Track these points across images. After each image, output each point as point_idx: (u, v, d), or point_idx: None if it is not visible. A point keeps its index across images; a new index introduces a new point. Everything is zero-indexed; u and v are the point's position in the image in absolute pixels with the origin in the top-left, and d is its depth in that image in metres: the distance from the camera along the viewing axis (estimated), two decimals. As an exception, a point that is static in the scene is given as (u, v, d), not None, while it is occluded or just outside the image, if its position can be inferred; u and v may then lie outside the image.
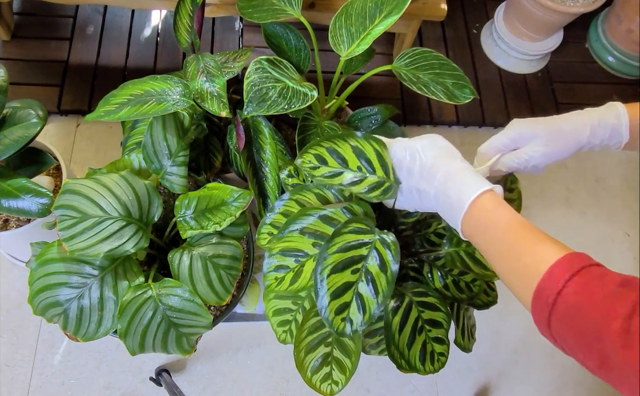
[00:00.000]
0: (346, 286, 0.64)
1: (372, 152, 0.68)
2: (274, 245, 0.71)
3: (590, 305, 0.43)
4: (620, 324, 0.40)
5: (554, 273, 0.48)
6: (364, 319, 0.64)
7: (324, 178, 0.68)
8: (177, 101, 0.81)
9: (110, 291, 0.76)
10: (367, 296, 0.64)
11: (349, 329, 0.63)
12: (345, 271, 0.64)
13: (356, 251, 0.65)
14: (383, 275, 0.64)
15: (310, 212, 0.70)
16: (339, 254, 0.64)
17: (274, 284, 0.71)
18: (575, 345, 0.45)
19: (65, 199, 0.72)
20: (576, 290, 0.45)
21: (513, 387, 1.34)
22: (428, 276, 0.79)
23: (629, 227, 1.59)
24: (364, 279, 0.64)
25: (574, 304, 0.45)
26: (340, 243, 0.64)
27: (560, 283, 0.46)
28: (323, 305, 0.63)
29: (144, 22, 1.63)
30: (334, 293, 0.63)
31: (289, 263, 0.71)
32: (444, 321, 0.77)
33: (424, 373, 0.75)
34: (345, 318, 0.64)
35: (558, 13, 1.53)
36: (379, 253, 0.65)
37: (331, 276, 0.63)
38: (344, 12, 0.90)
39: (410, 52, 0.90)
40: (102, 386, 1.20)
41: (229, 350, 1.27)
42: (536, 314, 0.49)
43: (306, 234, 0.70)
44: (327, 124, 0.91)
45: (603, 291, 0.44)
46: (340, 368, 0.75)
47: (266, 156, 0.92)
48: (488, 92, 1.70)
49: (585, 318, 0.43)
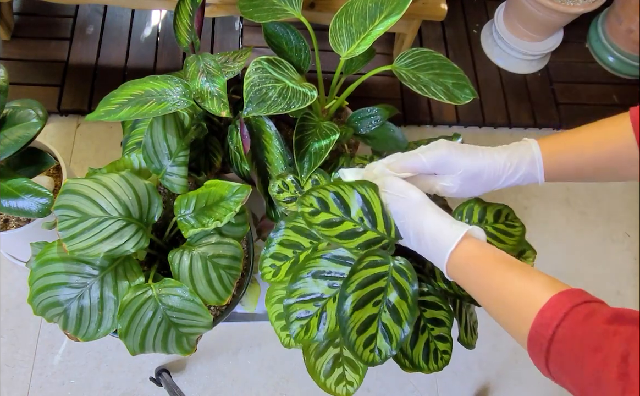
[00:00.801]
0: (370, 319, 0.64)
1: (378, 204, 0.65)
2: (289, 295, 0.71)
3: (583, 352, 0.42)
4: (617, 370, 0.39)
5: (544, 317, 0.47)
6: (391, 347, 0.64)
7: (321, 228, 0.65)
8: (178, 101, 0.81)
9: (110, 291, 0.76)
10: (392, 325, 0.65)
11: (379, 359, 0.64)
12: (367, 305, 0.64)
13: (375, 285, 0.65)
14: (404, 302, 0.65)
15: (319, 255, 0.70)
16: (358, 291, 0.64)
17: (301, 334, 0.70)
18: (575, 388, 0.44)
19: (65, 199, 0.72)
20: (566, 336, 0.44)
21: (513, 387, 1.34)
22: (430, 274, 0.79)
23: (629, 227, 1.59)
24: (386, 310, 0.65)
25: (567, 352, 0.44)
26: (359, 280, 0.64)
27: (550, 329, 0.45)
28: (351, 342, 0.63)
29: (144, 22, 1.62)
30: (359, 329, 0.64)
31: (310, 308, 0.70)
32: (446, 320, 0.77)
33: (428, 371, 0.75)
34: (373, 349, 0.64)
35: (558, 13, 1.53)
36: (397, 282, 0.65)
37: (354, 314, 0.63)
38: (344, 12, 0.90)
39: (410, 53, 0.90)
40: (102, 386, 1.19)
41: (229, 350, 1.27)
42: (535, 358, 0.48)
43: (319, 278, 0.70)
44: (326, 125, 0.91)
45: (594, 334, 0.42)
46: (353, 368, 0.75)
47: (270, 156, 0.92)
48: (488, 92, 1.70)
49: (581, 365, 0.42)
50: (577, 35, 1.84)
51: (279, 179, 0.86)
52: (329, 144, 0.85)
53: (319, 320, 0.70)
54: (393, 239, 0.65)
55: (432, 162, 0.65)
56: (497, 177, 0.66)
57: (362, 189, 0.65)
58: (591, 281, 1.49)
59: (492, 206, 0.79)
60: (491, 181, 0.66)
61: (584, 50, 1.85)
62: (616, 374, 0.39)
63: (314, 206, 0.66)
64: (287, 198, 0.86)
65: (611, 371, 0.39)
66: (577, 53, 1.83)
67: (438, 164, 0.65)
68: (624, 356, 0.39)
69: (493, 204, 0.79)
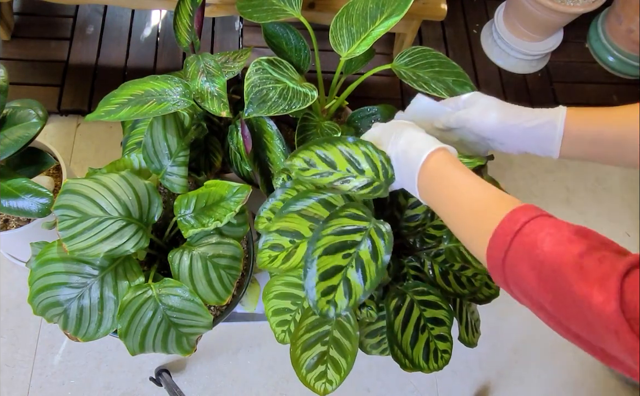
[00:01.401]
0: (335, 270, 0.64)
1: (361, 154, 0.68)
2: (272, 224, 0.72)
3: (546, 244, 0.45)
4: (575, 260, 0.43)
5: (513, 216, 0.50)
6: (349, 304, 0.64)
7: (314, 178, 0.68)
8: (178, 101, 0.81)
9: (110, 291, 0.76)
10: (355, 282, 0.64)
11: (333, 312, 0.64)
12: (337, 254, 0.64)
13: (350, 236, 0.65)
14: (374, 264, 0.64)
15: (310, 194, 0.71)
16: (332, 236, 0.64)
17: (266, 261, 0.72)
18: (530, 284, 0.46)
19: (65, 199, 0.72)
20: (534, 229, 0.47)
21: (513, 387, 1.34)
22: (429, 273, 0.79)
23: (629, 227, 1.58)
24: (354, 265, 0.64)
25: (531, 242, 0.47)
26: (335, 226, 0.65)
27: (518, 224, 0.49)
28: (310, 285, 0.63)
29: (144, 22, 1.62)
30: (322, 275, 0.63)
31: (284, 243, 0.71)
32: (446, 319, 0.77)
33: (428, 371, 0.75)
34: (330, 301, 0.64)
35: (558, 13, 1.53)
36: (373, 241, 0.65)
37: (322, 258, 0.63)
38: (345, 12, 0.90)
39: (409, 51, 0.90)
40: (102, 386, 1.19)
41: (229, 350, 1.27)
42: (492, 257, 0.50)
43: (305, 216, 0.71)
44: (327, 125, 0.91)
45: (559, 233, 0.46)
46: (336, 368, 0.75)
47: (272, 155, 0.92)
48: (488, 92, 1.68)
49: (541, 255, 0.45)
50: (577, 35, 1.84)
51: (284, 173, 0.86)
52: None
53: (287, 256, 0.71)
54: (383, 182, 0.66)
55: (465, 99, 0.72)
56: (519, 112, 0.68)
57: (343, 144, 0.69)
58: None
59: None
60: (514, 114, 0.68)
61: (584, 50, 1.85)
62: (573, 263, 0.43)
63: (302, 164, 0.69)
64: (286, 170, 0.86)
65: (568, 260, 0.43)
66: (577, 53, 1.83)
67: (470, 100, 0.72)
68: (582, 253, 0.43)
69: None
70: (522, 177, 1.62)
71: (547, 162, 1.65)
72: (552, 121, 0.65)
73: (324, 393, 0.75)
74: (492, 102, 0.70)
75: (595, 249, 0.43)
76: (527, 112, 0.67)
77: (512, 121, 0.67)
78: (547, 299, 0.45)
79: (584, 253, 0.43)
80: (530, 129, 0.66)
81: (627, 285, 0.39)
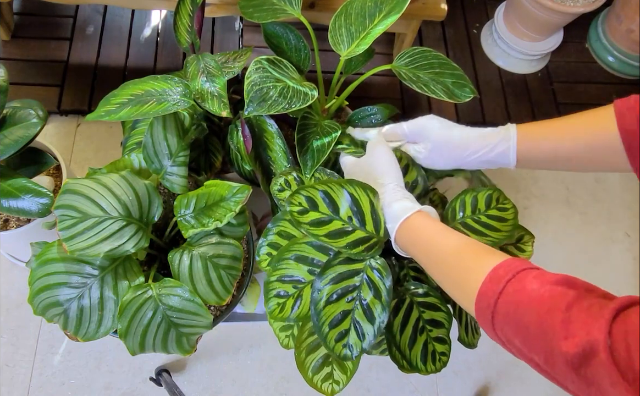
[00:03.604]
0: (343, 315, 0.65)
1: (367, 203, 0.67)
2: (270, 274, 0.72)
3: (531, 301, 0.45)
4: (562, 316, 0.42)
5: (495, 275, 0.49)
6: (363, 345, 0.65)
7: (310, 227, 0.66)
8: (178, 101, 0.81)
9: (110, 291, 0.76)
10: (365, 324, 0.65)
11: (350, 354, 0.65)
12: (341, 300, 0.65)
13: (349, 281, 0.66)
14: (378, 302, 0.65)
15: (302, 241, 0.71)
16: (332, 286, 0.65)
17: (277, 311, 0.72)
18: (521, 342, 0.46)
19: (65, 199, 0.72)
20: (517, 288, 0.47)
21: (513, 387, 1.34)
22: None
23: (629, 227, 1.58)
24: (359, 308, 0.65)
25: (515, 302, 0.46)
26: (332, 275, 0.65)
27: (501, 283, 0.48)
28: (322, 336, 0.64)
29: (144, 22, 1.62)
30: (331, 323, 0.64)
31: (287, 289, 0.72)
32: (445, 321, 0.77)
33: (426, 373, 0.75)
34: (345, 345, 0.65)
35: (558, 13, 1.53)
36: (371, 280, 0.66)
37: (327, 307, 0.64)
38: (344, 11, 0.89)
39: (410, 52, 0.90)
40: (102, 386, 1.19)
41: (229, 350, 1.27)
42: (480, 317, 0.51)
43: (300, 261, 0.71)
44: (327, 124, 0.91)
45: (543, 288, 0.45)
46: (342, 368, 0.75)
47: (273, 154, 0.92)
48: (488, 92, 1.70)
49: (528, 314, 0.45)
50: (577, 35, 1.84)
51: (282, 177, 0.86)
52: (331, 141, 0.85)
53: (294, 302, 0.71)
54: (382, 239, 0.66)
55: (410, 128, 0.73)
56: (466, 146, 0.68)
57: (352, 189, 0.66)
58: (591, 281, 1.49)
59: (482, 192, 0.80)
60: (461, 149, 0.68)
61: (584, 50, 1.85)
62: (560, 320, 0.42)
63: (302, 205, 0.66)
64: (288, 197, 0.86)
65: (555, 317, 0.42)
66: (577, 53, 1.83)
67: (416, 130, 0.72)
68: (568, 306, 0.42)
69: (483, 189, 0.80)
70: (522, 177, 1.62)
71: (547, 162, 1.65)
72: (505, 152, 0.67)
73: (331, 394, 0.75)
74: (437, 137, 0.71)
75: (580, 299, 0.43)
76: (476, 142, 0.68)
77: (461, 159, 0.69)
78: (539, 359, 0.44)
79: (571, 305, 0.42)
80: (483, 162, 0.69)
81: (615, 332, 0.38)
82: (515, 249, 0.85)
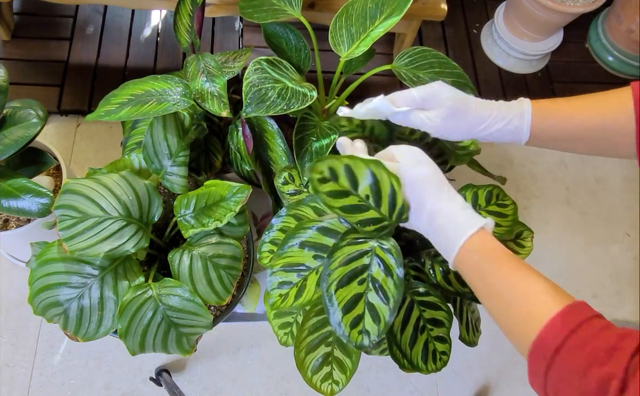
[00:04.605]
0: (356, 298, 0.63)
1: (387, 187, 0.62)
2: (274, 262, 0.70)
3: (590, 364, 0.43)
4: (618, 385, 0.40)
5: (553, 327, 0.46)
6: (379, 328, 0.63)
7: (327, 197, 0.63)
8: (178, 101, 0.81)
9: (110, 291, 0.76)
10: (379, 305, 0.63)
11: (367, 341, 0.62)
12: (352, 283, 0.63)
13: (358, 262, 0.64)
14: (390, 280, 0.63)
15: (308, 225, 0.70)
16: (341, 268, 0.63)
17: (278, 302, 0.70)
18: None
19: (65, 199, 0.72)
20: (576, 346, 0.44)
21: (513, 387, 1.34)
22: (430, 272, 0.79)
23: (629, 227, 1.58)
24: (372, 288, 0.63)
25: (573, 362, 0.44)
26: (341, 257, 0.64)
27: (559, 338, 0.45)
28: (336, 321, 0.62)
29: (144, 22, 1.62)
30: (345, 307, 0.62)
31: (292, 279, 0.70)
32: (445, 320, 0.77)
33: (426, 372, 0.75)
34: (361, 331, 0.63)
35: (558, 13, 1.53)
36: (381, 259, 0.64)
37: (339, 291, 0.62)
38: (345, 12, 0.90)
39: (410, 52, 0.90)
40: (102, 386, 1.19)
41: (229, 350, 1.27)
42: (533, 366, 0.48)
43: (306, 247, 0.70)
44: (326, 125, 0.91)
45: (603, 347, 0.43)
46: (341, 368, 0.75)
47: (274, 154, 0.92)
48: (488, 92, 1.70)
49: (585, 376, 0.42)
50: (577, 35, 1.84)
51: (286, 171, 0.86)
52: (329, 143, 0.85)
53: (298, 291, 0.69)
54: (393, 223, 0.64)
55: (421, 94, 0.66)
56: (482, 118, 0.64)
57: (376, 169, 0.62)
58: (591, 281, 1.49)
59: (482, 188, 0.80)
60: (476, 122, 0.65)
61: (584, 50, 1.85)
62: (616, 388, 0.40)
63: (324, 174, 0.63)
64: (291, 191, 0.86)
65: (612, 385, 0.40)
66: (577, 53, 1.83)
67: (427, 96, 0.66)
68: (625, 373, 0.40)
69: (483, 186, 0.80)
70: (522, 177, 1.62)
71: (547, 162, 1.65)
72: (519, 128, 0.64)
73: (331, 394, 0.75)
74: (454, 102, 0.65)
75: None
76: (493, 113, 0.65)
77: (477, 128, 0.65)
78: None
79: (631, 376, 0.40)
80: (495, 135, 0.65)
81: None
82: (514, 244, 0.85)
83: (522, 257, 0.84)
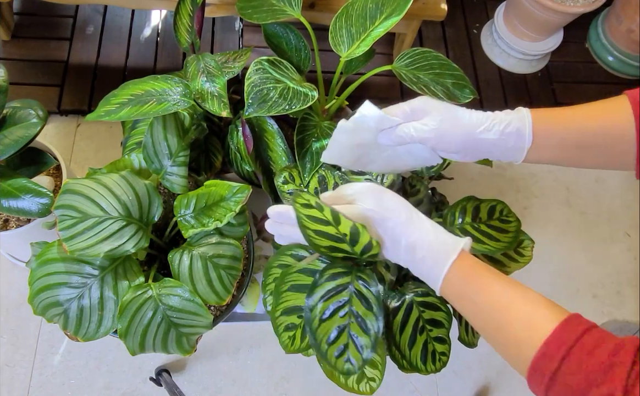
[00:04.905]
0: (340, 330, 0.64)
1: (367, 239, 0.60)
2: (273, 310, 0.72)
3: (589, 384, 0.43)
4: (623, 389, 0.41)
5: (547, 351, 0.46)
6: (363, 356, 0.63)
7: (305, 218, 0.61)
8: (178, 101, 0.81)
9: (110, 291, 0.76)
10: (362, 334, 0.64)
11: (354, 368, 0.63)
12: (334, 316, 0.64)
13: (337, 296, 0.64)
14: (370, 313, 0.64)
15: (292, 269, 0.71)
16: (323, 303, 0.64)
17: (289, 345, 0.71)
18: None
19: (65, 199, 0.72)
20: (572, 370, 0.44)
21: (513, 387, 1.34)
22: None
23: (629, 227, 1.59)
24: (354, 321, 0.64)
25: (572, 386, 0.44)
26: (321, 293, 0.64)
27: (555, 362, 0.45)
28: (322, 354, 0.63)
29: (144, 22, 1.62)
30: (329, 340, 0.63)
31: (294, 320, 0.71)
32: (444, 321, 0.77)
33: (426, 372, 0.75)
34: (347, 359, 0.63)
35: (558, 13, 1.53)
36: (361, 293, 0.64)
37: (322, 325, 0.63)
38: (345, 12, 0.90)
39: (410, 52, 0.90)
40: (102, 386, 1.19)
41: (229, 350, 1.27)
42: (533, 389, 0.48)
43: (296, 289, 0.71)
44: (326, 125, 0.91)
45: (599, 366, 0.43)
46: (371, 365, 0.76)
47: (274, 154, 0.92)
48: (488, 92, 1.70)
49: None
50: (577, 35, 1.84)
51: (286, 170, 0.86)
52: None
53: (303, 331, 0.71)
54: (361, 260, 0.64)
55: (410, 106, 0.64)
56: (480, 121, 0.62)
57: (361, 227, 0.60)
58: (591, 281, 1.49)
59: (485, 202, 0.79)
60: (474, 124, 0.62)
61: (584, 50, 1.85)
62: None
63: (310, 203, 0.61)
64: (291, 190, 0.86)
65: None
66: (577, 53, 1.83)
67: (416, 108, 0.63)
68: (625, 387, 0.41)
69: (487, 200, 0.79)
70: (522, 177, 1.62)
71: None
72: (520, 131, 0.61)
73: (371, 392, 0.75)
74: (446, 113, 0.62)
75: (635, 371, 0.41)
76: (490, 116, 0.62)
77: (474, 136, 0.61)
78: None
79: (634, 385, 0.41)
80: (496, 141, 0.62)
81: None
82: (514, 253, 0.85)
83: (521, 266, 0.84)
